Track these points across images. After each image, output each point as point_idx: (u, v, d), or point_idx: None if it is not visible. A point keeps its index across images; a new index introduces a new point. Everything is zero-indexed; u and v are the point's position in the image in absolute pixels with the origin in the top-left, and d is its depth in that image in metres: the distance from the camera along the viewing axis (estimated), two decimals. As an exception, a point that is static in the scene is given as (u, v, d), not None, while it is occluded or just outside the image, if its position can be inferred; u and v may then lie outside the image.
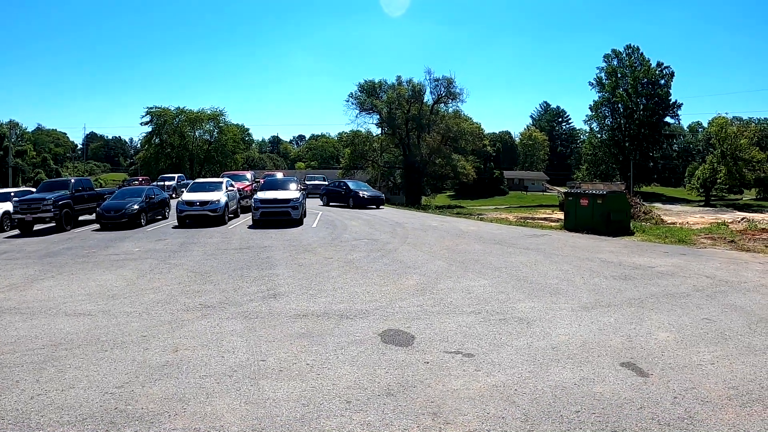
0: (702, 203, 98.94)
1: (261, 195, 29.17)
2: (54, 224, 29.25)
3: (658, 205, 74.32)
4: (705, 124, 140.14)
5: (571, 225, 25.85)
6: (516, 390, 7.09)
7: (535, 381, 7.38)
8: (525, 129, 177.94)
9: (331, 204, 44.37)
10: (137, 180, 70.44)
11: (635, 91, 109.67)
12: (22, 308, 12.65)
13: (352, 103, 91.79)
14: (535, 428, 6.07)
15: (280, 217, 28.16)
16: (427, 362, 8.17)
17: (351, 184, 45.92)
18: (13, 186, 73.67)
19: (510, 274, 14.31)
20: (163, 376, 7.99)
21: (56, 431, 6.52)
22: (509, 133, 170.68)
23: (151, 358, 8.79)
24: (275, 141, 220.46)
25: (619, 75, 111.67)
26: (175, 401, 7.07)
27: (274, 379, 7.66)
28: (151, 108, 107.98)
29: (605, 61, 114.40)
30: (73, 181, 32.15)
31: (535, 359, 8.24)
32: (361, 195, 43.50)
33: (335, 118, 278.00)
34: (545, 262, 16.04)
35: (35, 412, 7.10)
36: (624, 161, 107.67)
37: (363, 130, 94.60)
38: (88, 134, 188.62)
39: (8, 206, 30.79)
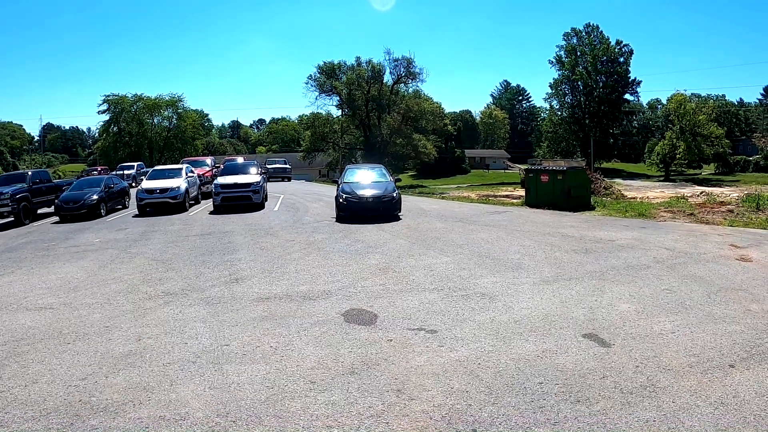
0: (662, 178, 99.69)
1: (221, 180, 28.83)
2: (12, 218, 28.73)
3: (618, 180, 74.81)
4: (664, 101, 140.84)
5: (533, 201, 26.07)
6: (479, 364, 7.16)
7: (498, 355, 7.46)
8: (485, 108, 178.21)
9: None
10: (96, 170, 69.36)
11: (595, 68, 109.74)
12: (-19, 306, 12.49)
13: (312, 85, 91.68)
14: (499, 401, 6.14)
15: (242, 201, 27.84)
16: (390, 340, 8.22)
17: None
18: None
19: (472, 251, 14.39)
20: (126, 365, 7.94)
21: (21, 427, 6.46)
22: (470, 112, 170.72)
23: (114, 348, 8.71)
24: (235, 126, 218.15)
25: (578, 53, 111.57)
26: (139, 390, 7.03)
27: (237, 363, 7.65)
28: (108, 96, 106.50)
29: (565, 40, 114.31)
30: (30, 173, 31.63)
31: (498, 333, 8.32)
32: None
33: (295, 101, 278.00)
34: (507, 238, 16.15)
35: (-2, 409, 7.04)
36: (584, 138, 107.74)
37: (323, 112, 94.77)
38: (44, 125, 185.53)
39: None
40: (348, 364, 7.38)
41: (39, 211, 30.87)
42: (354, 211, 21.74)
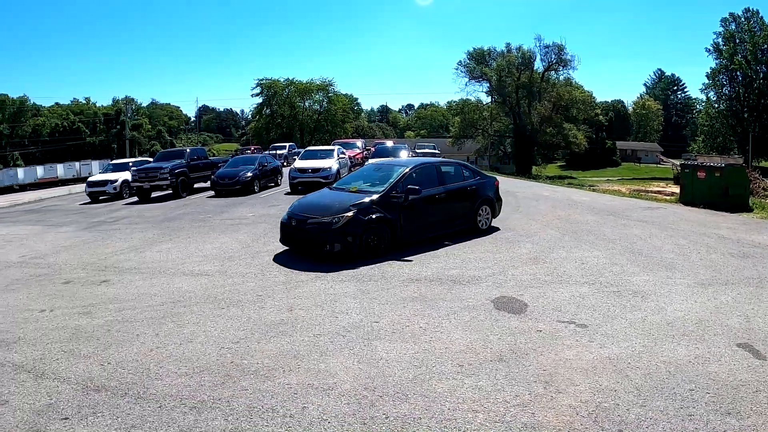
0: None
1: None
2: (171, 191, 30.47)
3: (780, 180, 70.90)
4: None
5: (687, 198, 25.00)
6: (629, 364, 6.99)
7: (648, 356, 7.25)
8: (638, 98, 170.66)
9: None
10: (250, 149, 71.85)
11: (755, 58, 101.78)
12: (142, 268, 13.21)
13: (461, 71, 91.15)
14: (647, 403, 5.99)
15: None
16: (540, 330, 8.14)
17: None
18: (131, 157, 76.55)
19: (624, 247, 13.98)
20: (278, 333, 8.27)
21: (174, 382, 6.86)
22: (622, 102, 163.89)
23: (267, 316, 9.12)
24: (384, 110, 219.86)
25: (737, 41, 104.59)
26: (289, 358, 7.31)
27: (387, 340, 7.81)
28: (261, 80, 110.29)
29: (722, 26, 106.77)
30: (188, 150, 33.22)
31: (649, 334, 8.07)
32: None
33: (444, 86, 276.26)
34: (660, 236, 15.58)
35: (154, 364, 7.49)
36: (742, 133, 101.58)
37: (472, 99, 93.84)
38: (200, 107, 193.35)
39: (127, 175, 32.82)
40: (497, 350, 7.38)
41: (195, 186, 32.45)
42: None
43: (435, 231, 14.74)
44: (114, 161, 44.49)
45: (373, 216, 13.29)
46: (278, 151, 54.52)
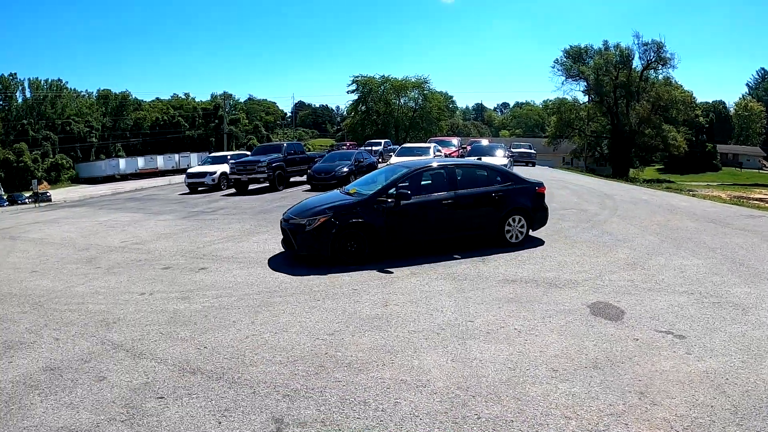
0: None
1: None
2: (267, 184, 31.04)
3: None
4: None
5: (794, 209, 24.12)
6: (727, 379, 6.71)
7: (747, 372, 6.93)
8: (740, 99, 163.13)
9: None
10: (345, 145, 72.43)
11: None
12: (239, 257, 13.50)
13: (558, 70, 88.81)
14: (744, 422, 5.74)
15: None
16: (637, 339, 7.93)
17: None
18: (228, 150, 78.36)
19: (725, 256, 13.49)
20: (372, 328, 8.31)
21: (268, 369, 6.98)
22: (723, 103, 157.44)
23: (362, 310, 9.19)
24: (479, 108, 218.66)
25: None
26: (383, 352, 7.33)
27: (481, 340, 7.74)
28: (357, 77, 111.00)
29: None
30: (285, 145, 33.73)
31: (750, 349, 7.71)
32: None
33: (539, 85, 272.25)
34: (763, 246, 14.94)
35: (249, 350, 7.64)
36: None
37: (569, 98, 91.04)
38: (296, 103, 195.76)
39: (225, 168, 33.68)
40: (592, 357, 7.22)
41: (292, 180, 32.97)
42: None
43: (434, 239, 13.73)
44: (212, 154, 45.68)
45: (353, 220, 12.71)
46: (374, 148, 54.64)
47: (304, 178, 32.28)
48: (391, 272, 11.77)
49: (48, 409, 6.32)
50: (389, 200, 12.98)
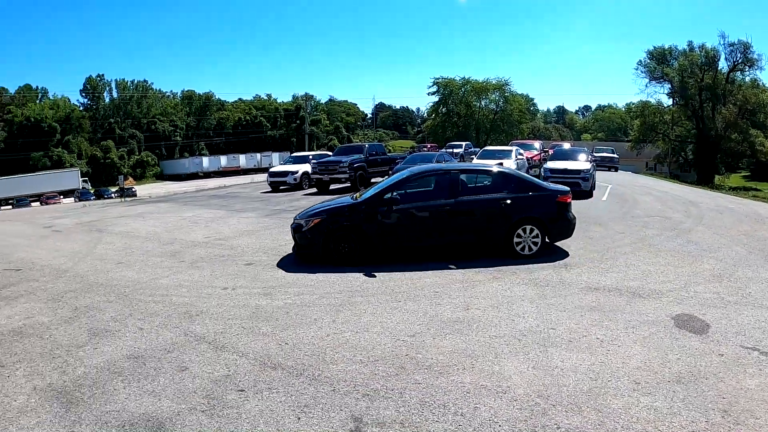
0: None
1: (551, 164, 28.42)
2: (348, 184, 31.31)
3: None
4: None
5: None
6: (817, 401, 6.47)
7: (841, 397, 6.69)
8: None
9: None
10: (426, 147, 72.43)
11: None
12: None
13: (641, 72, 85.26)
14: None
15: (570, 187, 26.75)
16: (722, 355, 7.67)
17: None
18: (309, 150, 79.27)
19: (819, 272, 13.02)
20: (453, 331, 8.26)
21: (348, 368, 7.02)
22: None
23: (443, 312, 9.15)
24: (560, 111, 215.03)
25: None
26: (464, 356, 7.29)
27: (563, 348, 7.61)
28: (438, 78, 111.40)
29: None
30: (367, 146, 34.04)
31: (841, 371, 7.46)
32: None
33: (622, 87, 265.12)
34: None
35: (330, 348, 7.70)
36: None
37: (652, 101, 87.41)
38: (376, 104, 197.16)
39: (306, 167, 34.04)
40: (675, 371, 7.02)
41: (373, 180, 32.88)
42: None
43: (429, 246, 13.45)
44: (294, 154, 46.30)
45: (345, 223, 13.05)
46: (455, 150, 54.17)
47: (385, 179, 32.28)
48: (374, 275, 11.88)
49: (130, 396, 6.51)
50: (382, 205, 13.16)
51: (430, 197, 13.55)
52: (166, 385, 6.75)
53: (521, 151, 33.83)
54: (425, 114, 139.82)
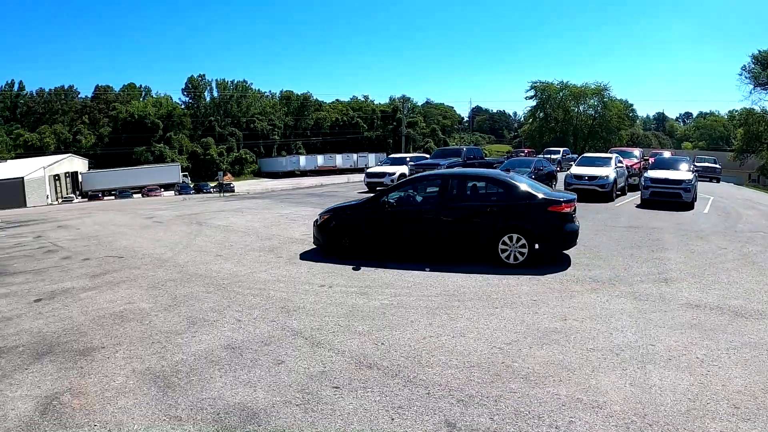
0: None
1: (652, 174, 27.57)
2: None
3: None
4: None
5: None
6: None
7: None
8: None
9: None
10: (523, 152, 71.65)
11: None
12: (419, 258, 13.58)
13: (745, 77, 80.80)
14: None
15: (670, 198, 26.04)
16: (829, 382, 7.42)
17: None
18: (405, 152, 79.64)
19: None
20: (550, 341, 8.17)
21: (444, 372, 7.05)
22: None
23: (540, 322, 9.06)
24: (660, 118, 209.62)
25: None
26: (560, 368, 7.20)
27: (661, 366, 7.41)
28: (535, 83, 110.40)
29: None
30: (465, 149, 34.06)
31: None
32: None
33: (725, 94, 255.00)
34: None
35: (426, 351, 7.74)
36: None
37: (757, 108, 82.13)
38: (473, 108, 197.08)
39: (404, 169, 34.23)
40: (778, 397, 6.81)
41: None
42: None
43: (418, 248, 14.03)
44: (392, 155, 46.67)
45: (345, 220, 14.43)
46: (552, 156, 53.35)
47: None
48: (358, 270, 12.71)
49: (226, 384, 6.72)
50: (380, 207, 14.05)
51: (424, 201, 14.36)
52: (261, 376, 6.93)
53: (621, 158, 32.96)
54: (522, 118, 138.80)
